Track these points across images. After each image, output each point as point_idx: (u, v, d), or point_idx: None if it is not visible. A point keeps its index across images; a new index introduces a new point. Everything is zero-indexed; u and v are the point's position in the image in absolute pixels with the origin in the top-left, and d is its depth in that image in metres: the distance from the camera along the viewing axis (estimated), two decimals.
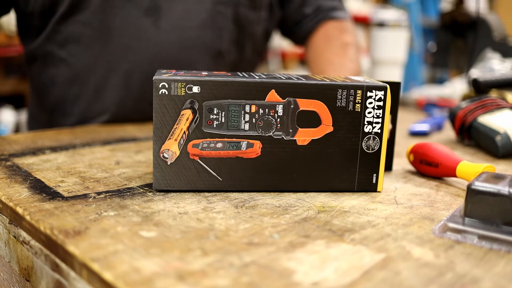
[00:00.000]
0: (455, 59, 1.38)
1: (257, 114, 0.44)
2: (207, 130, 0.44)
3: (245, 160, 0.45)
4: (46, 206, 0.40)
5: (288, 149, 0.45)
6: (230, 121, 0.44)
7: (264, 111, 0.44)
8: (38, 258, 0.38)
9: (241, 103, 0.44)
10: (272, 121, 0.44)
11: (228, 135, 0.44)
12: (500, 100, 0.70)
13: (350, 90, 0.45)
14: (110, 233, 0.36)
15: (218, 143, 0.44)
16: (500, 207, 0.37)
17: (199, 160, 0.44)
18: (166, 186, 0.45)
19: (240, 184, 0.45)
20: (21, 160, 0.53)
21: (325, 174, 0.46)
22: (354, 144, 0.46)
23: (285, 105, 0.44)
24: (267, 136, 0.44)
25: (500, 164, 0.61)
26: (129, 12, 0.74)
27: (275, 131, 0.44)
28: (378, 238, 0.37)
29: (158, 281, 0.29)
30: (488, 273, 0.32)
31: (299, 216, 0.40)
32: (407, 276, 0.31)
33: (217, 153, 0.44)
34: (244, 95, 0.44)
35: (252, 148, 0.44)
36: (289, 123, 0.44)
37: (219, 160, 0.44)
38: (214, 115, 0.44)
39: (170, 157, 0.44)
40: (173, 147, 0.44)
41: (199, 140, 0.44)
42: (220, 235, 0.36)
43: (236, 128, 0.44)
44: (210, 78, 0.43)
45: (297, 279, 0.30)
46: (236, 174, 0.45)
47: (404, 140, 0.73)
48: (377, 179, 0.47)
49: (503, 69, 1.07)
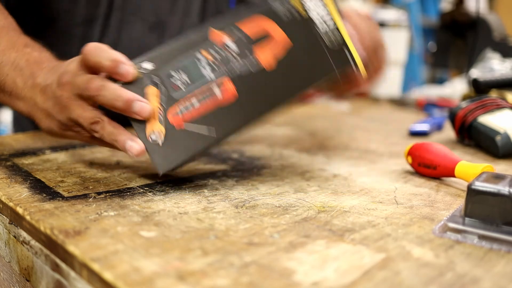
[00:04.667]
0: (455, 59, 1.38)
1: (211, 55, 0.45)
2: (177, 94, 0.44)
3: (227, 105, 0.45)
4: (46, 206, 0.40)
5: (259, 76, 0.45)
6: (192, 75, 0.44)
7: (215, 49, 0.45)
8: (38, 258, 0.38)
9: (191, 54, 0.44)
10: (228, 55, 0.45)
11: (197, 87, 0.44)
12: (500, 100, 0.70)
13: (283, 1, 0.46)
14: (110, 233, 0.36)
15: (193, 100, 0.44)
16: (500, 207, 0.37)
17: (185, 126, 0.44)
18: (170, 165, 0.44)
19: (233, 127, 0.45)
20: (21, 160, 0.53)
21: (300, 79, 0.47)
22: (318, 46, 0.46)
23: (230, 35, 0.45)
24: (231, 70, 0.45)
25: (500, 164, 0.61)
26: (135, 27, 0.74)
27: (236, 61, 0.45)
28: (378, 238, 0.37)
29: (158, 281, 0.29)
30: (488, 273, 0.32)
31: (299, 216, 0.40)
32: (407, 276, 0.31)
33: (198, 110, 0.44)
34: (190, 48, 0.45)
35: (225, 88, 0.44)
36: (242, 46, 0.45)
37: (204, 116, 0.44)
38: (176, 78, 0.44)
39: (159, 137, 0.44)
40: (156, 126, 0.44)
41: (175, 107, 0.44)
42: (220, 235, 0.36)
43: (201, 77, 0.44)
44: (156, 51, 0.45)
45: (297, 279, 0.30)
46: (225, 121, 0.45)
47: (404, 140, 0.73)
48: (352, 54, 0.47)
49: (503, 69, 1.07)
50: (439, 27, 1.41)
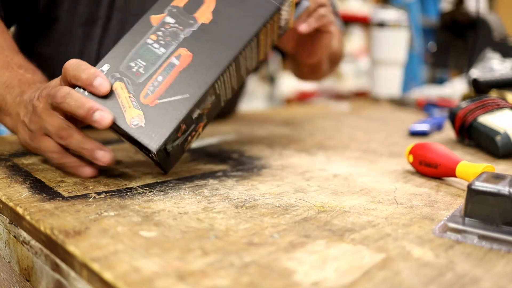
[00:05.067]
0: (455, 59, 1.38)
1: (159, 37, 0.48)
2: (141, 79, 0.46)
3: (187, 68, 0.47)
4: (46, 206, 0.40)
5: (202, 30, 0.48)
6: (148, 59, 0.47)
7: (162, 31, 0.48)
8: (38, 258, 0.38)
9: (141, 43, 0.47)
10: (174, 30, 0.48)
11: (158, 67, 0.47)
12: (500, 100, 0.70)
13: None
14: (110, 233, 0.36)
15: (158, 77, 0.46)
16: (500, 207, 0.37)
17: (158, 102, 0.46)
18: (161, 138, 0.44)
19: (201, 81, 0.47)
20: (21, 160, 0.53)
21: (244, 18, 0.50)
22: None
23: (169, 13, 0.48)
24: (183, 41, 0.48)
25: (500, 164, 0.61)
26: None
27: (184, 33, 0.48)
28: (378, 238, 0.37)
29: (158, 281, 0.29)
30: (488, 273, 0.32)
31: (299, 216, 0.40)
32: (407, 276, 0.31)
33: (164, 83, 0.46)
34: (139, 38, 0.48)
35: (182, 57, 0.47)
36: (184, 18, 0.48)
37: (171, 86, 0.46)
38: (135, 67, 0.46)
39: (140, 120, 0.45)
40: (134, 112, 0.45)
41: (144, 90, 0.46)
42: (220, 235, 0.36)
43: (158, 57, 0.47)
44: (111, 52, 0.47)
45: (297, 279, 0.30)
46: (191, 83, 0.47)
47: (404, 140, 0.73)
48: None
49: (503, 69, 1.07)
50: (439, 27, 1.41)
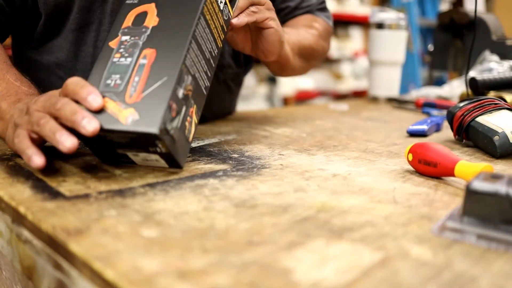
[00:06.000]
0: (454, 60, 1.38)
1: (122, 53, 0.52)
2: (121, 88, 0.49)
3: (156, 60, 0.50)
4: (48, 205, 0.41)
5: (160, 31, 0.53)
6: (120, 71, 0.50)
7: (123, 48, 0.52)
8: (40, 257, 0.39)
9: (110, 63, 0.51)
10: (131, 42, 0.52)
11: (131, 72, 0.50)
12: (498, 100, 0.70)
13: None
14: (111, 232, 0.36)
15: (135, 79, 0.49)
16: (498, 206, 0.38)
17: (143, 93, 0.48)
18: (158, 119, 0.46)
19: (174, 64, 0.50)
20: (23, 160, 0.53)
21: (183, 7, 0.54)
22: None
23: (122, 34, 0.53)
24: (144, 45, 0.52)
25: (498, 164, 0.61)
26: None
27: (141, 40, 0.52)
28: (377, 237, 0.37)
29: (159, 279, 0.29)
30: (486, 272, 0.32)
31: (299, 216, 0.41)
32: (406, 275, 0.31)
33: (142, 82, 0.49)
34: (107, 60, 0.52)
35: (149, 55, 0.51)
36: (136, 31, 0.53)
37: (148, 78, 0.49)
38: (111, 82, 0.49)
39: (134, 116, 0.46)
40: (126, 112, 0.47)
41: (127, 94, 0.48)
42: (221, 235, 0.36)
43: (128, 66, 0.50)
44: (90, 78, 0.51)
45: (297, 278, 0.30)
46: (164, 67, 0.50)
47: (403, 140, 0.74)
48: None
49: (501, 69, 1.07)
50: (438, 27, 1.41)
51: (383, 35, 1.20)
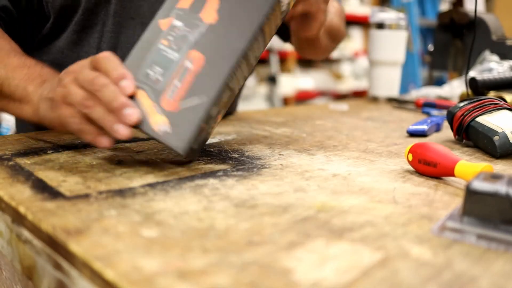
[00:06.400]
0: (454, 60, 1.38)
1: (171, 42, 0.48)
2: (160, 86, 0.48)
3: (201, 70, 0.48)
4: (48, 205, 0.41)
5: (214, 35, 0.49)
6: (164, 65, 0.48)
7: (172, 36, 0.48)
8: (40, 257, 0.39)
9: (155, 49, 0.48)
10: (183, 33, 0.48)
11: (174, 72, 0.48)
12: (498, 100, 0.70)
13: None
14: (111, 232, 0.36)
15: (176, 84, 0.48)
16: (499, 206, 0.38)
17: (181, 104, 0.48)
18: (184, 141, 0.47)
19: (218, 85, 0.48)
20: (23, 160, 0.53)
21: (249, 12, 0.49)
22: None
23: (176, 16, 0.48)
24: (194, 44, 0.48)
25: (498, 164, 0.61)
26: (134, 31, 0.74)
27: (193, 35, 0.48)
28: (377, 237, 0.37)
29: (159, 279, 0.29)
30: (486, 272, 0.32)
31: (299, 216, 0.41)
32: (406, 275, 0.31)
33: (182, 88, 0.48)
34: (152, 45, 0.48)
35: (195, 60, 0.48)
36: (190, 20, 0.48)
37: (191, 89, 0.48)
38: (152, 74, 0.48)
39: (166, 126, 0.47)
40: (159, 118, 0.47)
41: (164, 96, 0.48)
42: (221, 234, 0.36)
43: (172, 62, 0.48)
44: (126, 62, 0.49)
45: (297, 278, 0.30)
46: (208, 84, 0.48)
47: (403, 140, 0.74)
48: None
49: (501, 69, 1.07)
50: (438, 27, 1.41)
51: (383, 35, 1.20)
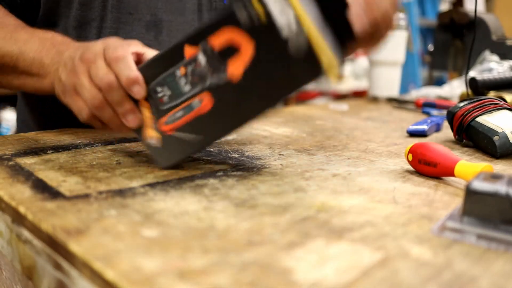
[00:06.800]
0: (454, 60, 1.38)
1: (188, 72, 0.47)
2: (164, 107, 0.48)
3: (206, 114, 0.47)
4: (48, 205, 0.41)
5: (229, 88, 0.46)
6: (174, 91, 0.48)
7: (191, 67, 0.46)
8: (40, 257, 0.39)
9: (171, 72, 0.47)
10: (203, 71, 0.46)
11: (180, 102, 0.48)
12: (498, 100, 0.70)
13: (244, 2, 0.43)
14: (111, 232, 0.36)
15: (177, 113, 0.48)
16: (499, 206, 0.38)
17: (175, 133, 0.49)
18: (168, 162, 0.50)
19: (216, 134, 0.49)
20: (23, 160, 0.53)
21: (270, 91, 0.46)
22: (282, 51, 0.43)
23: (203, 51, 0.45)
24: (208, 86, 0.46)
25: (498, 164, 0.61)
26: (132, 27, 0.74)
27: (211, 78, 0.46)
28: (377, 237, 0.37)
29: (159, 279, 0.29)
30: (486, 272, 0.32)
31: (299, 216, 0.41)
32: (406, 275, 0.31)
33: (182, 120, 0.48)
34: (170, 63, 0.47)
35: (204, 102, 0.47)
36: (215, 63, 0.45)
37: (189, 124, 0.48)
38: (160, 92, 0.48)
39: (155, 142, 0.50)
40: (152, 132, 0.50)
41: (164, 117, 0.49)
42: (221, 234, 0.36)
43: (182, 94, 0.48)
44: (141, 67, 0.48)
45: (297, 278, 0.30)
46: (208, 128, 0.48)
47: (403, 140, 0.74)
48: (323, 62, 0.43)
49: (501, 69, 1.07)
50: (438, 27, 1.41)
51: None
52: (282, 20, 0.42)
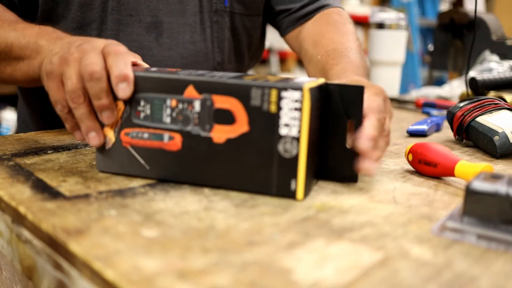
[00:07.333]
0: (454, 60, 1.38)
1: (177, 108, 0.46)
2: (136, 120, 0.48)
3: (168, 152, 0.47)
4: (48, 205, 0.41)
5: (205, 145, 0.46)
6: (154, 114, 0.47)
7: (182, 106, 0.46)
8: (40, 257, 0.39)
9: (163, 97, 0.46)
10: (190, 116, 0.46)
11: (153, 127, 0.47)
12: (498, 100, 0.70)
13: (264, 89, 0.43)
14: (111, 232, 0.36)
15: (144, 134, 0.48)
16: (498, 206, 0.38)
17: (130, 148, 0.48)
18: (105, 168, 0.50)
19: (164, 174, 0.48)
20: (24, 160, 0.53)
21: (241, 174, 0.45)
22: (269, 146, 0.44)
23: (202, 101, 0.45)
24: (186, 130, 0.46)
25: (498, 164, 0.61)
26: (132, 29, 0.74)
27: (193, 126, 0.46)
28: (377, 237, 0.37)
29: (159, 279, 0.29)
30: (486, 272, 0.32)
31: (299, 216, 0.41)
32: (406, 275, 0.31)
33: (144, 142, 0.48)
34: (167, 90, 0.46)
35: (173, 141, 0.47)
36: (205, 119, 0.45)
37: (147, 149, 0.48)
38: (141, 107, 0.47)
39: (108, 143, 0.49)
40: (109, 133, 0.48)
41: (130, 129, 0.48)
42: (221, 234, 0.36)
43: (159, 121, 0.47)
44: (139, 74, 0.47)
45: (297, 278, 0.30)
46: (160, 164, 0.48)
47: (403, 140, 0.74)
48: (296, 185, 0.44)
49: (501, 69, 1.07)
50: (438, 27, 1.41)
51: (383, 35, 1.20)
52: (284, 116, 0.43)
